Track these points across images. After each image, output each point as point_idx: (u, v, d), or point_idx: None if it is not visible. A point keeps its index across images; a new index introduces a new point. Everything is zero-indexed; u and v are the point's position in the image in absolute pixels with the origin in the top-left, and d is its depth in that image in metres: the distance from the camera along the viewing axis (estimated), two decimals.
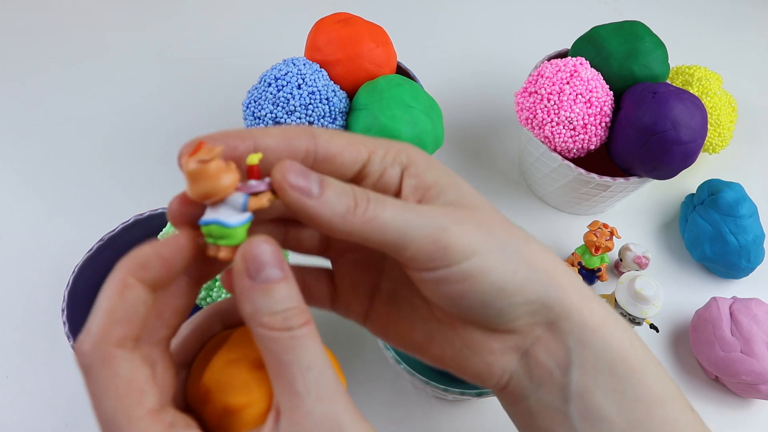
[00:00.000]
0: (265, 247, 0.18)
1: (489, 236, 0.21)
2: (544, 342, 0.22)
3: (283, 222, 0.23)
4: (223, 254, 0.18)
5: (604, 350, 0.21)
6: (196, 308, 0.38)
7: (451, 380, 0.44)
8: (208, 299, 0.36)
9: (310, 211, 0.18)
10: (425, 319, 0.23)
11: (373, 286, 0.25)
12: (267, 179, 0.19)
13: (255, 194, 0.18)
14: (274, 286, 0.18)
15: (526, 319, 0.21)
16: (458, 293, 0.20)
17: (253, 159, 0.18)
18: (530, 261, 0.21)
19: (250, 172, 0.18)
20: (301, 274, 0.24)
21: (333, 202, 0.19)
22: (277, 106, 0.42)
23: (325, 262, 0.26)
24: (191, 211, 0.19)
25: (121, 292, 0.18)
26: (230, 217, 0.18)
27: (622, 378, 0.21)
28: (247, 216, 0.18)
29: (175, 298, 0.20)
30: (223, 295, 0.36)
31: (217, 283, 0.36)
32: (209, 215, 0.18)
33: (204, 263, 0.20)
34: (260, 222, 0.22)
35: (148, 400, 0.17)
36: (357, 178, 0.22)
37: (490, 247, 0.20)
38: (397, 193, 0.22)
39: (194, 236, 0.19)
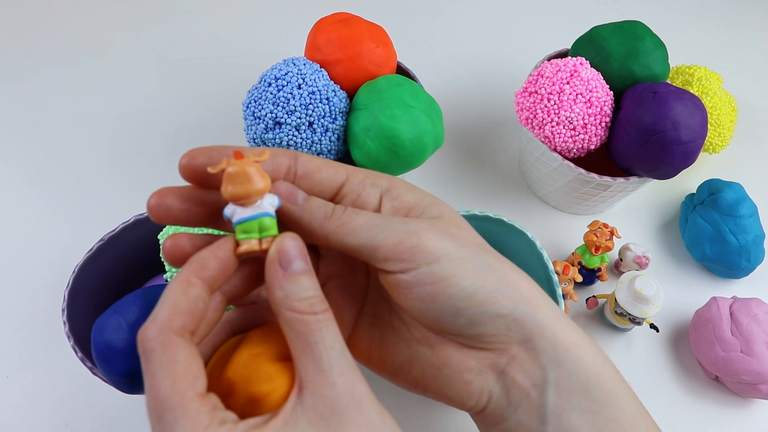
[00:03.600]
0: (296, 242, 0.21)
1: (459, 246, 0.22)
2: (520, 361, 0.22)
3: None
4: (264, 246, 0.21)
5: (577, 370, 0.22)
6: None
7: None
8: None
9: (294, 215, 0.22)
10: (405, 341, 0.25)
11: (357, 310, 0.26)
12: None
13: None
14: (301, 276, 0.20)
15: (499, 334, 0.22)
16: (429, 296, 0.21)
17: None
18: (501, 275, 0.22)
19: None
20: None
21: (313, 210, 0.22)
22: (278, 105, 0.42)
23: None
24: (176, 205, 0.22)
25: (185, 288, 0.20)
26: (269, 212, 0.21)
27: (596, 398, 0.22)
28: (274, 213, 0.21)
29: (209, 312, 0.22)
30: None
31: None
32: (247, 213, 0.21)
33: (234, 284, 0.23)
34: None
35: (199, 385, 0.19)
36: (336, 198, 0.23)
37: (460, 255, 0.22)
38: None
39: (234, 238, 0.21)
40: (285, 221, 0.22)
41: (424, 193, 0.24)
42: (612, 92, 0.48)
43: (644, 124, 0.44)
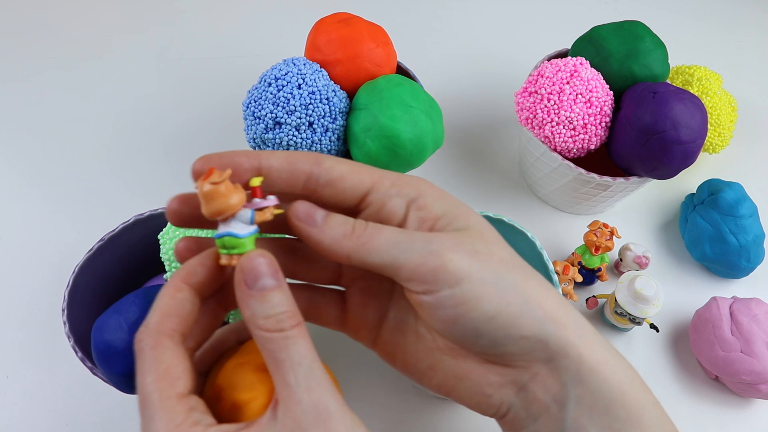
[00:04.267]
0: (261, 260, 0.20)
1: (484, 266, 0.21)
2: (542, 378, 0.22)
3: (301, 258, 0.26)
4: (234, 262, 0.21)
5: (601, 389, 0.22)
6: None
7: None
8: (229, 320, 0.37)
9: (313, 237, 0.21)
10: (429, 349, 0.24)
11: (382, 314, 0.26)
12: (270, 197, 0.21)
13: (260, 209, 0.21)
14: (268, 293, 0.20)
15: (522, 354, 0.22)
16: (451, 319, 0.21)
17: (255, 181, 0.21)
18: (527, 296, 0.22)
19: (253, 193, 0.21)
20: (313, 296, 0.26)
21: (333, 230, 0.21)
22: (277, 105, 0.42)
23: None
24: (186, 211, 0.22)
25: (173, 293, 0.21)
26: (240, 229, 0.21)
27: (618, 417, 0.22)
28: (254, 228, 0.21)
29: (204, 317, 0.23)
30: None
31: (236, 309, 0.38)
32: (222, 229, 0.21)
33: (230, 292, 0.23)
34: (280, 258, 0.25)
35: (180, 385, 0.20)
36: (360, 206, 0.23)
37: (483, 276, 0.21)
38: (401, 225, 0.23)
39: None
40: (305, 241, 0.22)
41: (453, 201, 0.23)
42: (612, 92, 0.48)
43: (644, 124, 0.44)
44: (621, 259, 0.50)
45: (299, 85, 0.42)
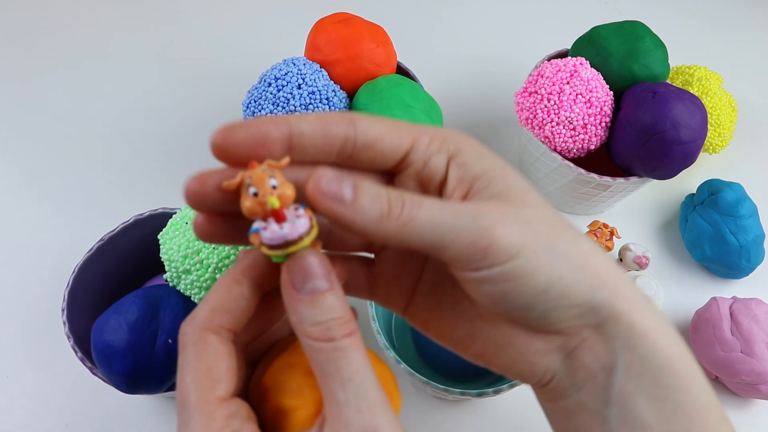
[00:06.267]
0: (311, 259, 0.18)
1: (534, 236, 0.20)
2: (590, 344, 0.21)
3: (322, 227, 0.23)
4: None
5: (651, 356, 0.21)
6: None
7: (452, 380, 0.44)
8: None
9: (344, 219, 0.18)
10: (468, 316, 0.23)
11: (416, 278, 0.24)
12: (301, 212, 0.18)
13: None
14: (318, 297, 0.18)
15: (572, 321, 0.21)
16: (500, 294, 0.20)
17: (275, 204, 0.18)
18: (578, 263, 0.20)
19: (274, 215, 0.18)
20: (339, 262, 0.23)
21: (366, 208, 0.18)
22: (277, 106, 0.42)
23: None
24: (207, 192, 0.19)
25: (229, 285, 0.20)
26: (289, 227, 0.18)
27: (666, 385, 0.21)
28: (306, 222, 0.18)
29: (263, 312, 0.21)
30: None
31: None
32: (267, 236, 0.18)
33: None
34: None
35: (220, 388, 0.19)
36: (400, 166, 0.21)
37: (535, 249, 0.20)
38: (443, 183, 0.21)
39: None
40: (332, 220, 0.19)
41: (493, 160, 0.21)
42: (612, 92, 0.48)
43: (644, 124, 0.44)
44: (621, 260, 0.50)
45: (299, 85, 0.42)
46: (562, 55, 0.54)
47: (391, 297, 0.24)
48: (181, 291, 0.36)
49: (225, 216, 0.20)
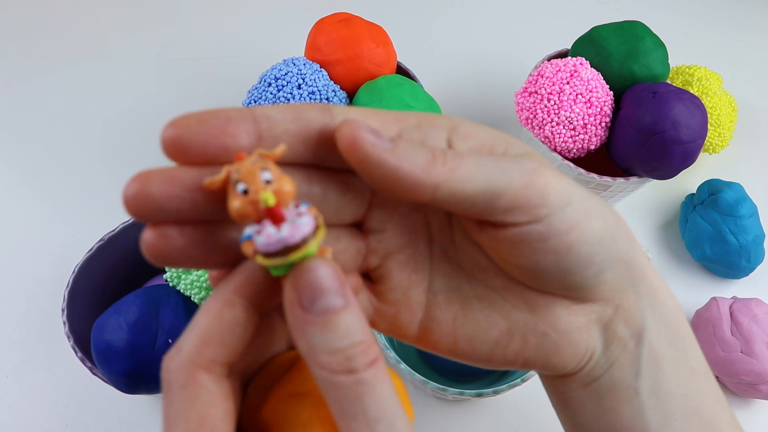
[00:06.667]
0: (321, 270, 0.15)
1: (573, 186, 0.18)
2: (623, 310, 0.20)
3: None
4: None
5: (665, 316, 0.20)
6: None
7: (451, 380, 0.44)
8: None
9: (389, 165, 0.16)
10: (500, 311, 0.20)
11: (425, 288, 0.21)
12: (302, 209, 0.15)
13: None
14: (333, 318, 0.14)
15: (615, 280, 0.19)
16: (565, 247, 0.18)
17: (269, 199, 0.14)
18: (612, 213, 0.19)
19: (269, 215, 0.14)
20: (349, 271, 0.20)
21: (411, 154, 0.16)
22: None
23: None
24: (153, 194, 0.16)
25: (220, 310, 0.16)
26: (290, 229, 0.14)
27: (679, 347, 0.20)
28: (311, 221, 0.15)
29: (262, 335, 0.18)
30: None
31: None
32: (262, 242, 0.15)
33: None
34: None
35: None
36: None
37: (580, 194, 0.18)
38: None
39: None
40: (369, 173, 0.16)
41: (492, 129, 0.20)
42: (612, 92, 0.48)
43: (644, 124, 0.44)
44: None
45: (299, 85, 0.43)
46: (562, 55, 0.54)
47: (399, 320, 0.21)
48: (181, 291, 0.36)
49: (184, 226, 0.16)
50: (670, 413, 0.20)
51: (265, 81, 0.43)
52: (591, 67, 0.48)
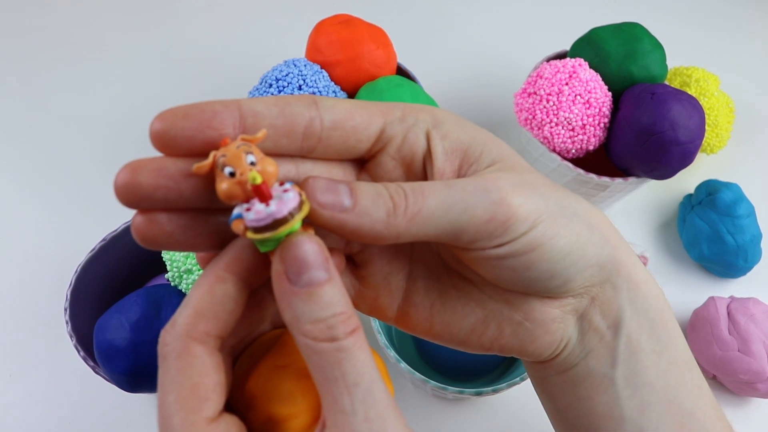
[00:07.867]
0: (307, 246, 0.16)
1: (545, 200, 0.19)
2: (600, 302, 0.21)
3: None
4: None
5: (646, 308, 0.21)
6: None
7: (451, 379, 0.44)
8: None
9: (350, 226, 0.17)
10: (476, 300, 0.21)
11: (405, 274, 0.22)
12: (287, 186, 0.16)
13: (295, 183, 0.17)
14: (317, 290, 0.16)
15: (587, 281, 0.20)
16: (524, 265, 0.19)
17: (257, 178, 0.15)
18: (587, 221, 0.20)
19: (257, 193, 0.16)
20: (334, 250, 0.21)
21: (370, 209, 0.17)
22: None
23: None
24: (143, 183, 0.16)
25: (212, 285, 0.17)
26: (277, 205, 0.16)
27: (659, 339, 0.21)
28: (295, 198, 0.16)
29: (252, 310, 0.19)
30: None
31: None
32: (251, 217, 0.16)
33: None
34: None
35: (207, 408, 0.16)
36: (376, 146, 0.19)
37: (551, 212, 0.19)
38: (425, 158, 0.20)
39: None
40: (335, 231, 0.17)
41: (473, 128, 0.20)
42: (610, 93, 0.48)
43: (642, 124, 0.44)
44: None
45: (300, 86, 0.43)
46: (561, 56, 0.54)
47: (380, 302, 0.22)
48: (183, 290, 0.37)
49: (171, 213, 0.17)
50: (646, 403, 0.20)
51: (266, 82, 0.44)
52: (590, 68, 0.48)
